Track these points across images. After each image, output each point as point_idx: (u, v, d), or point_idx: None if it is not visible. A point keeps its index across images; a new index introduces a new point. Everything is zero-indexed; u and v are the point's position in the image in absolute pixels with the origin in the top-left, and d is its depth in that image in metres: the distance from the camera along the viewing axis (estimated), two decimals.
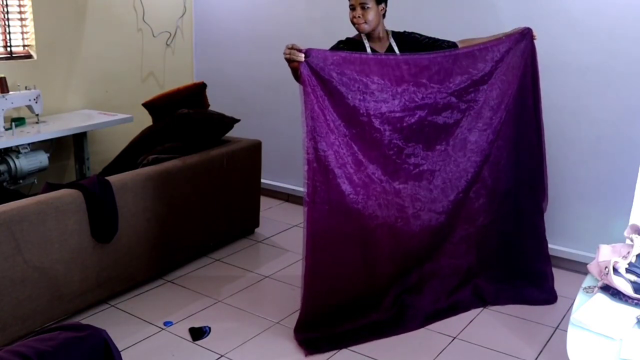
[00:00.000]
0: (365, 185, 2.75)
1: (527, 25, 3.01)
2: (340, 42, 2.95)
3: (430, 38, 3.01)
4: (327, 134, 2.61)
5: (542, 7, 3.42)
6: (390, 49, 2.93)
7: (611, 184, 3.36)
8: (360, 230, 2.78)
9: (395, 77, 2.77)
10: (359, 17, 2.81)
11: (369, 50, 2.89)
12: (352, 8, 2.83)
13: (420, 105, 2.83)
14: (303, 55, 2.52)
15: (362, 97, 2.69)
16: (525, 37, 2.98)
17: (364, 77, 2.69)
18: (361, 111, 2.70)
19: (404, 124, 2.81)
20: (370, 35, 2.90)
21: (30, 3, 3.92)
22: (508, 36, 2.99)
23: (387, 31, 2.96)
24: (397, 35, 2.98)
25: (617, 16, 3.21)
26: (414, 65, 2.80)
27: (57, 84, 4.17)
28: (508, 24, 3.35)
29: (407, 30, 3.03)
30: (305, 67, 2.53)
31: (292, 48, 2.52)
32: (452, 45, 2.99)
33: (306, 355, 2.69)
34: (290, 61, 2.54)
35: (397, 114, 2.78)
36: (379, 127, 2.75)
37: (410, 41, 2.97)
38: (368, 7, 2.79)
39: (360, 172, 2.74)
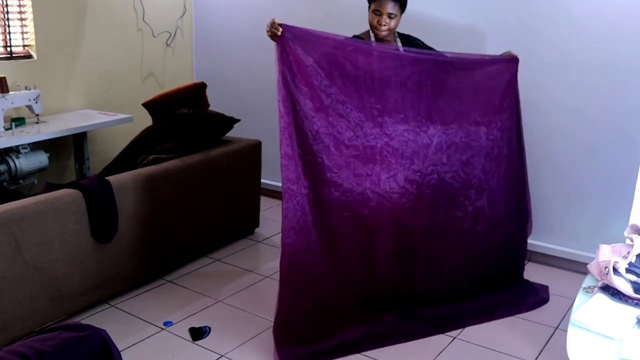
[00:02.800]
0: (347, 176, 2.68)
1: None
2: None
3: (430, 48, 3.02)
4: (305, 112, 2.60)
5: (542, 8, 3.41)
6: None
7: (611, 184, 3.36)
8: (350, 223, 2.71)
9: (378, 67, 2.75)
10: (384, 24, 2.82)
11: None
12: (378, 14, 2.83)
13: (397, 99, 2.80)
14: (281, 30, 2.52)
15: (339, 78, 2.66)
16: (511, 67, 3.02)
17: (343, 58, 2.67)
18: (337, 93, 2.66)
19: (383, 111, 2.76)
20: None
21: (30, 3, 3.91)
22: (494, 59, 3.05)
23: (394, 32, 2.97)
24: (403, 37, 3.00)
25: (617, 16, 3.21)
26: (396, 58, 2.80)
27: (57, 84, 4.17)
28: (508, 25, 3.36)
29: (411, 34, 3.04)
30: (283, 40, 2.53)
31: (274, 22, 2.53)
32: None
33: None
34: (272, 37, 2.55)
35: (376, 98, 2.75)
36: (358, 111, 2.70)
37: (414, 47, 2.97)
38: (394, 17, 2.83)
39: (339, 155, 2.67)
